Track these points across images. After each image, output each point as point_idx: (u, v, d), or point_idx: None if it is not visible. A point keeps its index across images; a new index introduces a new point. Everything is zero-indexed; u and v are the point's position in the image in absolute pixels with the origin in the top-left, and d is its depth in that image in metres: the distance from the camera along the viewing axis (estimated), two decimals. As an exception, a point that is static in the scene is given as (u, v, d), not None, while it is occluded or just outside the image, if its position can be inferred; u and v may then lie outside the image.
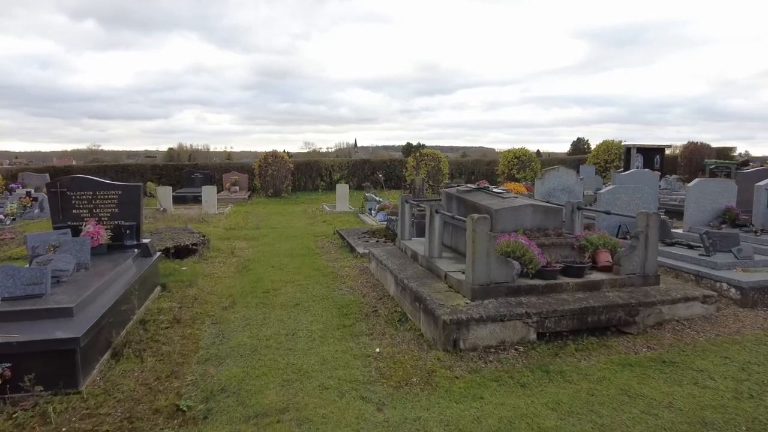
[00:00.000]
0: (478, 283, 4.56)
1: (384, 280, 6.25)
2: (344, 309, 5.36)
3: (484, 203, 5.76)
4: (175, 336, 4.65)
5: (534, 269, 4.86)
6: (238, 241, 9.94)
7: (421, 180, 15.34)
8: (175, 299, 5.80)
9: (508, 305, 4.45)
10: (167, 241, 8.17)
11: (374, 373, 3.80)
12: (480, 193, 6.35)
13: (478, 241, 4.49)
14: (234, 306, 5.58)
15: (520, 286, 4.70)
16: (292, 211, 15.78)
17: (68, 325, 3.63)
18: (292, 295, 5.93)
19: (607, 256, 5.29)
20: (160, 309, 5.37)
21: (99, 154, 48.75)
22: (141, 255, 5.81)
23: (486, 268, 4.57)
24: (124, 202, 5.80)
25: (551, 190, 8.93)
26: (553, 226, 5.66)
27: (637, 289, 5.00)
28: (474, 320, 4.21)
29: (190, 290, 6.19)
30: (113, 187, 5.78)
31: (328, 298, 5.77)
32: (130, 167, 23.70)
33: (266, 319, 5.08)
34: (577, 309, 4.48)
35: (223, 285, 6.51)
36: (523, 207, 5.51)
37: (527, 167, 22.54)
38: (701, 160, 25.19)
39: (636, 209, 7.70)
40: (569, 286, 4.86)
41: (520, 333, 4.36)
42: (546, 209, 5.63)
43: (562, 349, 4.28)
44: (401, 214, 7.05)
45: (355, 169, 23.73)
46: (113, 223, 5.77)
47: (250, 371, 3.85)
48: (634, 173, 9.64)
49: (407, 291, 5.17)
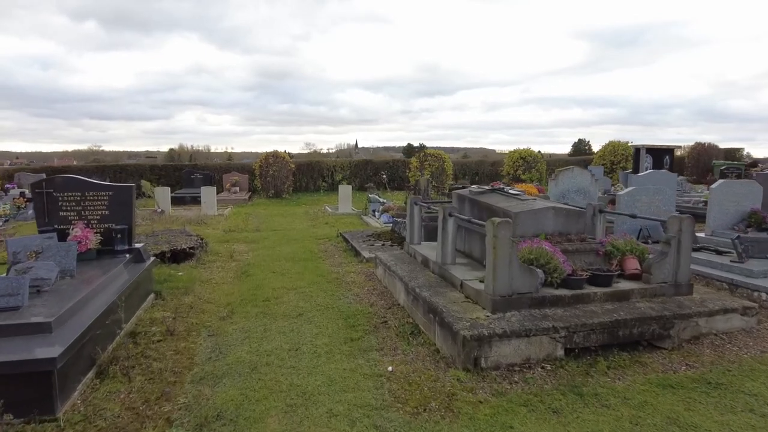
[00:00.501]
0: (500, 294, 4.17)
1: (393, 288, 5.86)
2: (351, 320, 4.97)
3: (501, 206, 5.37)
4: (167, 350, 4.26)
5: (559, 278, 4.46)
6: (238, 244, 9.55)
7: (426, 181, 14.96)
8: (169, 308, 5.41)
9: (532, 318, 4.06)
10: (163, 244, 7.78)
11: (388, 397, 3.40)
12: (495, 195, 5.95)
13: (500, 247, 4.09)
14: (232, 316, 5.18)
15: (544, 297, 4.30)
16: (294, 213, 15.39)
17: (45, 342, 3.24)
18: (294, 303, 5.53)
19: (635, 263, 4.90)
20: (152, 319, 4.98)
21: (100, 155, 48.46)
22: (133, 260, 5.42)
23: (508, 277, 4.17)
24: (115, 203, 5.41)
25: (565, 192, 8.54)
26: (576, 231, 5.26)
27: (670, 300, 4.60)
28: (497, 336, 3.81)
29: (186, 298, 5.80)
30: (103, 188, 5.39)
31: (334, 308, 5.37)
32: (129, 167, 23.33)
33: (267, 331, 4.69)
34: (607, 322, 4.08)
35: (221, 292, 6.12)
36: (544, 210, 5.12)
37: (533, 168, 22.14)
38: (709, 160, 24.82)
39: (657, 212, 7.30)
40: (597, 296, 4.47)
41: (547, 349, 3.97)
42: (568, 212, 5.24)
43: (593, 366, 3.88)
44: (410, 217, 6.66)
45: (357, 170, 23.34)
46: (103, 227, 5.38)
47: (250, 394, 3.46)
48: (651, 174, 9.24)
49: (420, 301, 4.77)
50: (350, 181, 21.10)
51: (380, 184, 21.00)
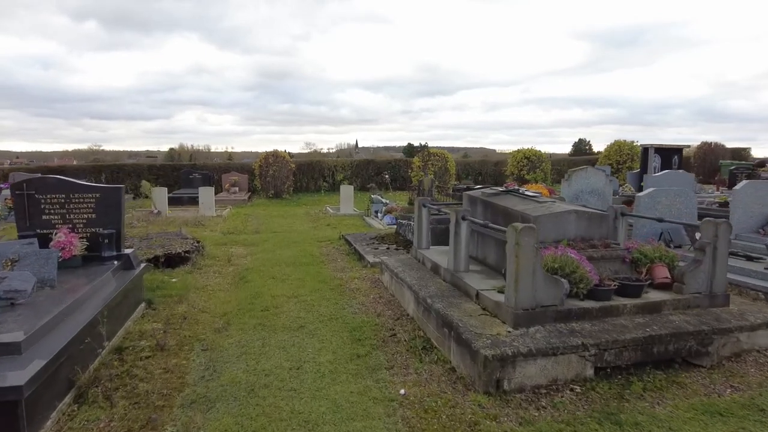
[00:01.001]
0: (522, 307, 3.78)
1: (401, 296, 5.47)
2: (357, 332, 4.58)
3: (518, 209, 4.98)
4: (156, 368, 3.87)
5: (585, 289, 4.08)
6: (236, 247, 9.17)
7: (430, 181, 14.56)
8: (160, 319, 5.02)
9: (559, 334, 3.67)
10: (157, 248, 7.39)
11: (402, 427, 3.02)
12: (510, 197, 5.56)
13: (523, 256, 3.70)
14: (228, 328, 4.80)
15: (570, 310, 3.92)
16: (294, 214, 15.01)
17: (14, 366, 2.85)
18: (295, 314, 5.15)
19: (665, 271, 4.51)
20: (142, 332, 4.59)
21: (100, 154, 48.11)
22: (122, 267, 5.03)
23: (531, 288, 3.79)
24: (102, 206, 5.03)
25: (579, 193, 8.15)
26: (599, 236, 4.87)
27: (705, 312, 4.21)
28: (521, 355, 3.43)
29: (179, 307, 5.41)
30: (90, 189, 5.00)
31: (338, 319, 4.98)
32: (127, 167, 22.94)
33: (265, 345, 4.30)
34: (641, 338, 3.70)
35: (217, 300, 5.73)
36: (565, 213, 4.73)
37: (537, 168, 21.75)
38: (716, 160, 24.43)
39: (678, 214, 6.92)
40: (626, 308, 4.08)
41: (575, 369, 3.58)
42: (590, 216, 4.85)
43: (627, 388, 3.50)
44: (417, 220, 6.27)
45: (359, 170, 22.95)
46: (89, 231, 4.99)
47: (246, 423, 3.07)
48: (667, 174, 8.86)
49: (432, 313, 4.39)
50: (351, 181, 20.71)
51: (382, 184, 20.61)
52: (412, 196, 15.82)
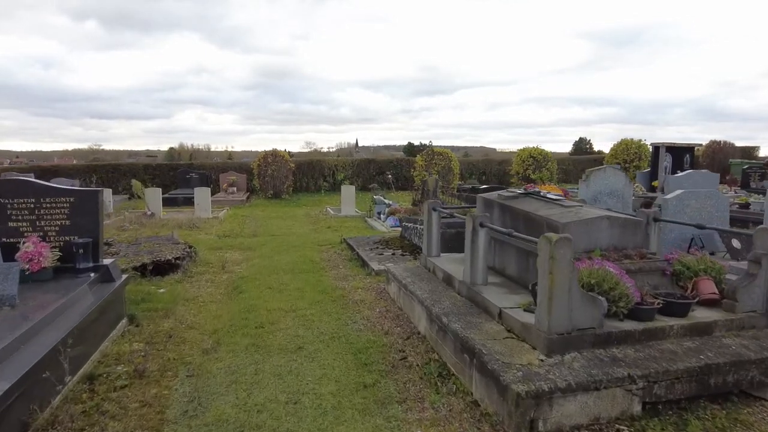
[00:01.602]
0: (557, 331, 3.25)
1: (410, 311, 4.94)
2: (363, 355, 4.05)
3: (541, 214, 4.45)
4: (132, 401, 3.35)
5: (626, 308, 3.55)
6: (232, 252, 8.65)
7: (435, 181, 14.01)
8: (143, 337, 4.50)
9: (600, 363, 3.14)
10: (145, 254, 6.87)
11: (421, 485, 2.49)
12: (530, 200, 5.03)
13: (558, 271, 3.17)
14: (218, 348, 4.27)
15: (610, 333, 3.39)
16: (294, 215, 14.48)
17: (-54, 413, 2.33)
18: (293, 331, 4.62)
19: (712, 285, 3.98)
20: (119, 354, 4.07)
21: (100, 154, 47.66)
22: (99, 280, 4.51)
23: (567, 308, 3.26)
24: (77, 212, 4.50)
25: (597, 194, 7.62)
26: (633, 245, 4.34)
27: (763, 335, 3.68)
28: (559, 390, 2.90)
29: (165, 323, 4.89)
30: (63, 193, 4.48)
31: (340, 337, 4.46)
32: (122, 167, 22.40)
33: (259, 372, 3.77)
34: (696, 368, 3.17)
35: (208, 314, 5.20)
36: (597, 220, 4.20)
37: (543, 167, 21.21)
38: (725, 159, 23.88)
39: (709, 218, 6.39)
40: (672, 330, 3.55)
41: (621, 405, 3.05)
42: (624, 222, 4.32)
43: (682, 428, 2.98)
44: (427, 225, 5.74)
45: (360, 169, 22.42)
46: (63, 240, 4.47)
47: (231, 479, 2.55)
48: (690, 174, 8.33)
49: (448, 334, 3.86)
50: (352, 181, 20.18)
51: (384, 184, 20.08)
52: (415, 196, 15.29)
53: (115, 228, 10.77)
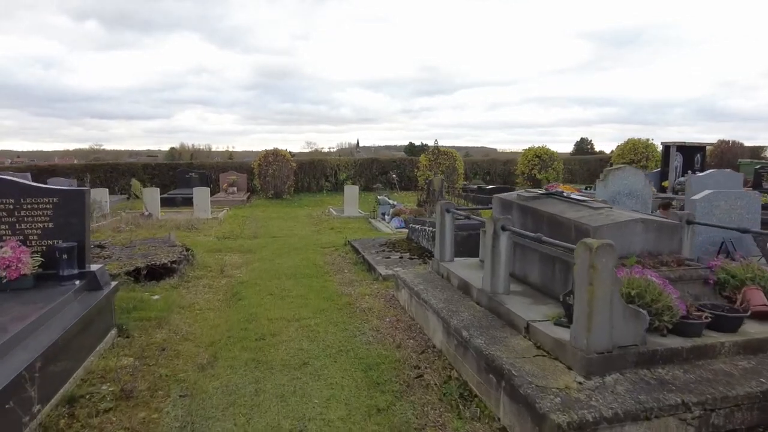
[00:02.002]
0: (596, 350, 2.87)
1: (423, 322, 4.56)
2: (374, 372, 3.67)
3: (568, 216, 4.07)
4: (116, 428, 2.97)
5: (670, 322, 3.17)
6: (231, 255, 8.28)
7: (440, 180, 13.66)
8: (133, 350, 4.13)
9: (647, 387, 2.76)
10: (139, 258, 6.50)
11: None
12: (555, 201, 4.64)
13: (600, 283, 2.79)
14: (215, 363, 3.90)
15: (655, 352, 3.01)
16: (295, 216, 14.12)
17: None
18: (297, 344, 4.24)
19: (761, 296, 3.59)
20: (106, 371, 3.69)
21: (101, 154, 47.46)
22: (86, 288, 4.13)
23: (608, 324, 2.88)
24: (61, 214, 4.12)
25: (615, 195, 7.21)
26: (669, 250, 3.95)
27: (822, 351, 3.30)
28: (605, 420, 2.52)
29: (159, 333, 4.52)
30: (46, 193, 4.10)
31: (348, 351, 4.08)
32: (121, 166, 22.05)
33: (259, 392, 3.39)
34: (758, 393, 2.79)
35: (205, 323, 4.83)
36: (631, 223, 3.82)
37: (549, 167, 20.83)
38: (734, 159, 23.48)
39: (739, 220, 6.00)
40: (724, 348, 3.17)
41: (673, 436, 2.67)
42: (660, 226, 3.93)
43: (744, 463, 2.59)
44: (440, 227, 5.36)
45: (362, 169, 22.04)
46: (45, 244, 4.09)
47: None
48: (714, 174, 7.93)
49: (470, 350, 3.48)
50: (355, 181, 19.80)
51: (387, 184, 19.70)
52: (420, 197, 14.92)
53: (110, 229, 10.40)
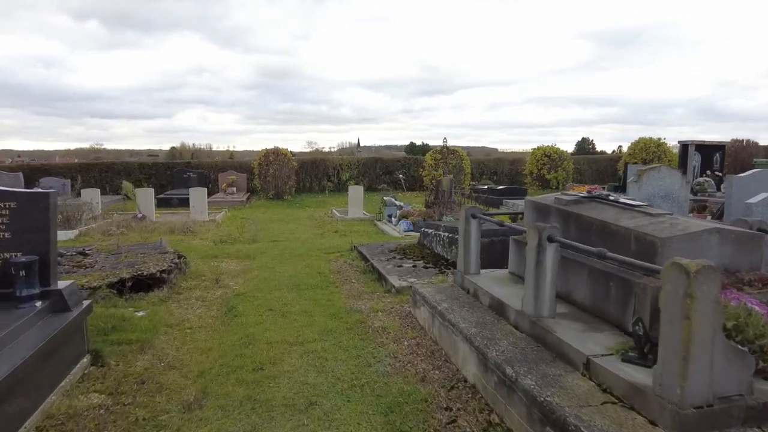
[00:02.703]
0: (693, 403, 2.21)
1: (449, 347, 3.90)
2: (396, 415, 3.01)
3: (625, 225, 3.41)
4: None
5: (776, 362, 2.51)
6: (228, 261, 7.62)
7: (449, 181, 13.01)
8: (107, 384, 3.47)
9: (766, 456, 2.10)
10: (124, 268, 5.84)
11: None
12: (600, 206, 3.98)
13: (699, 317, 2.13)
14: (204, 402, 3.24)
15: (765, 405, 2.34)
16: (297, 217, 13.47)
17: None
18: (301, 376, 3.58)
19: None
20: (69, 415, 3.04)
21: (101, 153, 46.90)
22: (50, 310, 3.48)
23: (708, 369, 2.22)
24: (20, 221, 3.47)
25: (650, 197, 6.55)
26: (748, 266, 3.30)
27: None
28: None
29: (140, 360, 3.87)
30: (1, 197, 3.44)
31: (363, 386, 3.41)
32: (116, 165, 21.38)
33: (256, 445, 2.73)
34: None
35: (195, 347, 4.17)
36: (705, 234, 3.16)
37: (559, 167, 20.15)
38: (748, 158, 22.80)
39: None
40: (842, 394, 2.50)
41: None
42: (738, 237, 3.27)
43: None
44: (464, 235, 4.70)
45: (366, 169, 21.39)
46: (0, 257, 3.44)
47: None
48: (756, 174, 7.29)
49: (516, 392, 2.82)
50: (358, 181, 19.14)
51: (393, 184, 19.04)
52: (428, 197, 14.28)
53: (100, 232, 9.76)
